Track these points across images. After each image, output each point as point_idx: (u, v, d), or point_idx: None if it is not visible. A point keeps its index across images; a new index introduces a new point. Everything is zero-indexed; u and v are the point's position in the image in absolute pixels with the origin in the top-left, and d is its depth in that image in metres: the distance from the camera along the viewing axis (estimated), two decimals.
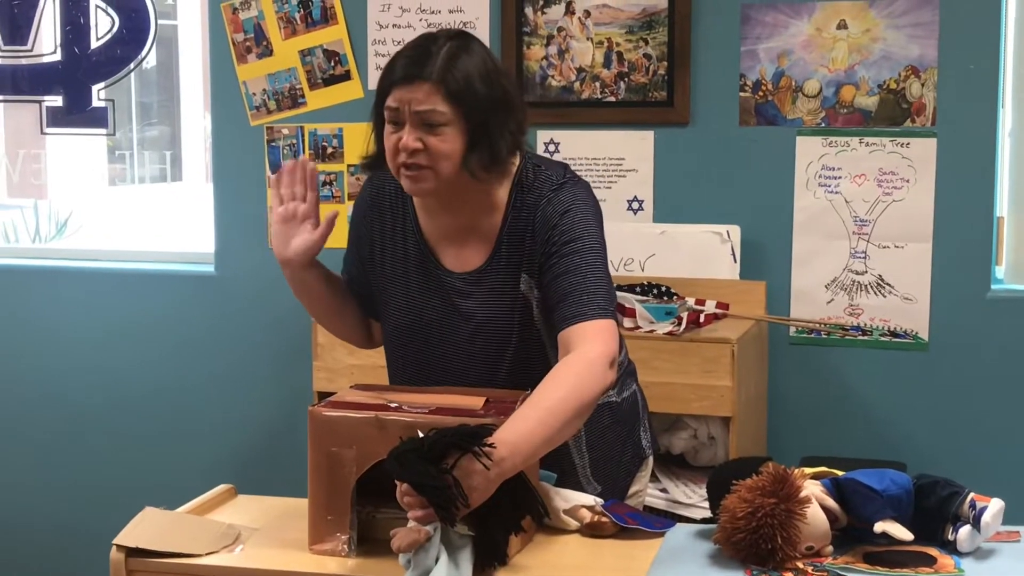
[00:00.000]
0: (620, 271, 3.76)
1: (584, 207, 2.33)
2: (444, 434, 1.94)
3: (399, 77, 2.23)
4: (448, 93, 2.21)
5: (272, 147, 4.12)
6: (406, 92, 2.22)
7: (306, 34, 4.07)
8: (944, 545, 2.10)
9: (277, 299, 4.16)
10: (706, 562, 2.08)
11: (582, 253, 2.28)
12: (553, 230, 2.30)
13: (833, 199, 3.72)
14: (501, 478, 1.97)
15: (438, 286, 2.39)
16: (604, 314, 2.24)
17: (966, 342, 3.68)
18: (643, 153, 3.85)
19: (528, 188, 2.34)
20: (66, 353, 4.40)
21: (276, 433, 4.22)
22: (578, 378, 2.13)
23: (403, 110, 2.23)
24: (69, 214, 9.79)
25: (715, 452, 3.43)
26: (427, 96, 2.21)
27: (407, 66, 2.23)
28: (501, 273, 2.35)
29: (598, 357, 2.17)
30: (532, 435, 2.02)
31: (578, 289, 2.24)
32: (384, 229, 2.45)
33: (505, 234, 2.34)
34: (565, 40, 3.86)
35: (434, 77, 2.21)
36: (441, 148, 2.23)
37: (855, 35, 3.66)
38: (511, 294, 2.35)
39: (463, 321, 2.38)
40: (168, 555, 2.14)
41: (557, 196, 2.32)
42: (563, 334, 2.23)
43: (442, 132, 2.23)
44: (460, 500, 1.90)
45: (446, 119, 2.22)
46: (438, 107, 2.21)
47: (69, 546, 4.42)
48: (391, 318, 2.47)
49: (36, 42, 4.35)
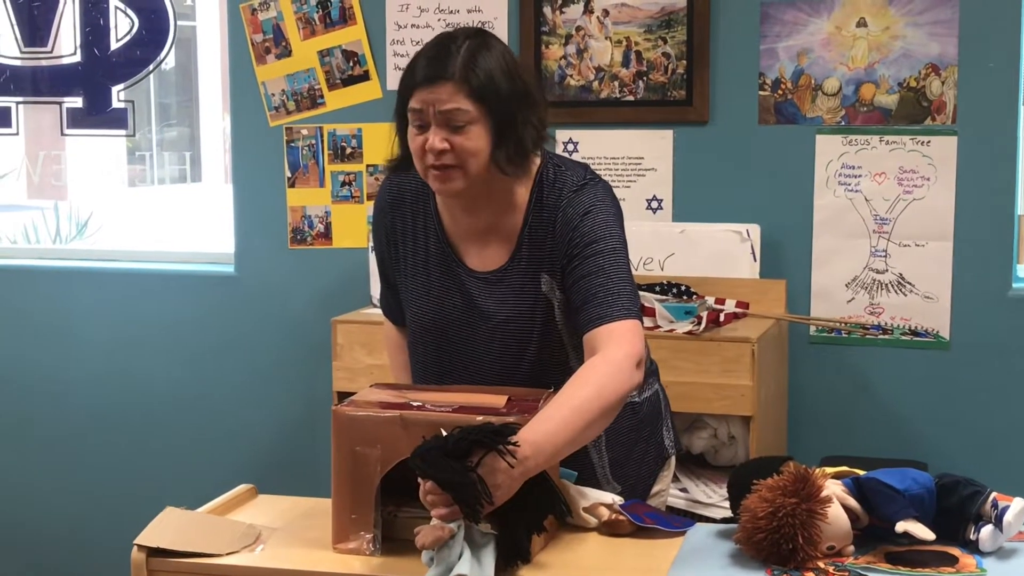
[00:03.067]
0: (640, 270, 3.75)
1: (605, 208, 2.33)
2: (468, 432, 1.94)
3: (421, 78, 2.23)
4: (471, 91, 2.21)
5: (291, 147, 4.13)
6: (429, 93, 2.22)
7: (325, 34, 4.07)
8: (966, 545, 2.09)
9: (296, 299, 4.18)
10: (727, 562, 2.08)
11: (605, 254, 2.28)
12: (575, 231, 2.30)
13: (853, 198, 3.71)
14: (524, 477, 1.97)
15: (459, 285, 2.39)
16: (629, 315, 2.23)
17: (987, 341, 3.67)
18: (662, 152, 3.84)
19: (549, 188, 2.34)
20: (86, 353, 4.41)
21: (296, 433, 4.23)
22: (604, 378, 2.12)
23: (427, 111, 2.23)
24: (89, 215, 9.84)
25: (735, 452, 3.43)
26: (450, 95, 2.21)
27: (428, 67, 2.23)
28: (522, 273, 2.35)
29: (625, 358, 2.17)
30: (556, 435, 2.02)
31: (602, 290, 2.24)
32: (406, 229, 2.46)
33: (526, 234, 2.34)
34: (584, 39, 3.86)
35: (456, 76, 2.21)
36: (468, 146, 2.23)
37: (875, 33, 3.65)
38: (532, 294, 2.35)
39: (483, 320, 2.38)
40: (189, 555, 2.14)
41: (578, 197, 2.32)
42: (588, 336, 2.22)
43: (468, 130, 2.23)
44: (484, 498, 1.90)
45: (471, 117, 2.22)
46: (462, 105, 2.21)
47: (90, 547, 4.44)
48: (414, 316, 2.47)
49: (56, 44, 4.36)
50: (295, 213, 4.15)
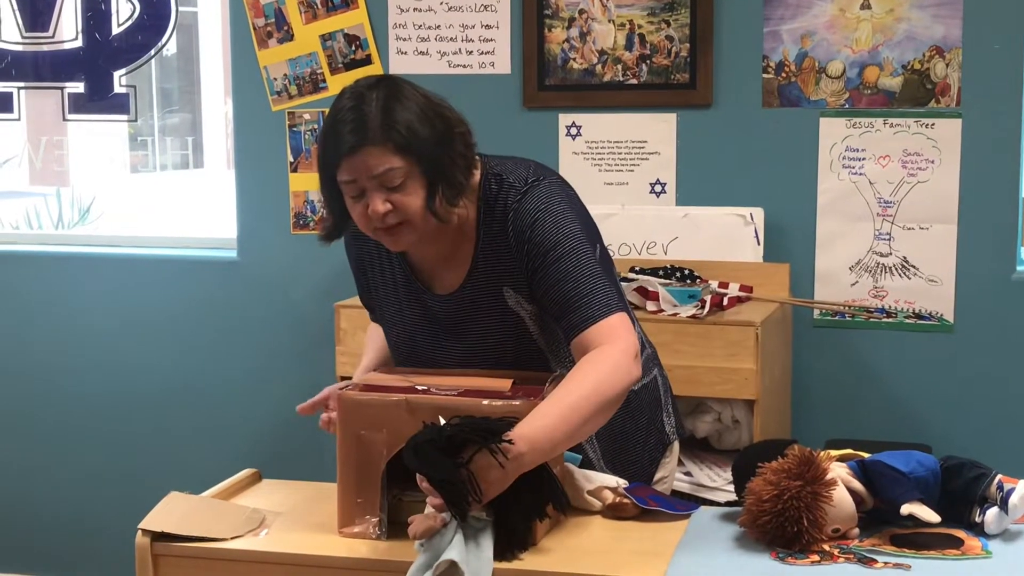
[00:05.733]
0: (643, 254, 3.75)
1: (553, 207, 2.27)
2: (461, 427, 1.94)
3: (346, 149, 2.18)
4: (396, 148, 2.17)
5: (294, 132, 4.12)
6: (357, 161, 2.18)
7: (327, 18, 4.06)
8: (971, 527, 2.09)
9: (299, 284, 4.18)
10: (732, 545, 2.08)
11: (565, 257, 2.23)
12: (528, 242, 2.26)
13: (857, 181, 3.71)
14: (518, 472, 1.98)
15: (427, 310, 2.38)
16: (609, 310, 2.20)
17: (991, 324, 3.66)
18: (666, 136, 3.84)
19: (493, 201, 2.30)
20: (89, 338, 4.41)
21: (299, 418, 4.21)
22: (601, 374, 2.12)
23: (359, 179, 2.19)
24: (92, 201, 9.83)
25: (739, 435, 3.42)
26: (379, 158, 2.17)
27: (349, 135, 2.18)
28: (481, 290, 2.33)
29: (620, 353, 2.15)
30: (552, 431, 2.02)
31: (575, 295, 2.21)
32: (372, 258, 2.46)
33: (480, 251, 2.32)
34: (587, 22, 3.84)
35: (379, 138, 2.16)
36: (408, 202, 2.20)
37: (879, 15, 3.64)
38: (498, 310, 2.32)
39: (457, 341, 2.37)
40: (193, 539, 2.15)
41: (523, 205, 2.27)
42: (575, 343, 2.20)
43: (405, 186, 2.19)
44: (472, 495, 1.92)
45: (404, 173, 2.18)
46: (393, 164, 2.17)
47: (94, 533, 4.44)
48: (393, 343, 2.48)
49: (58, 29, 4.36)
50: (297, 198, 4.15)
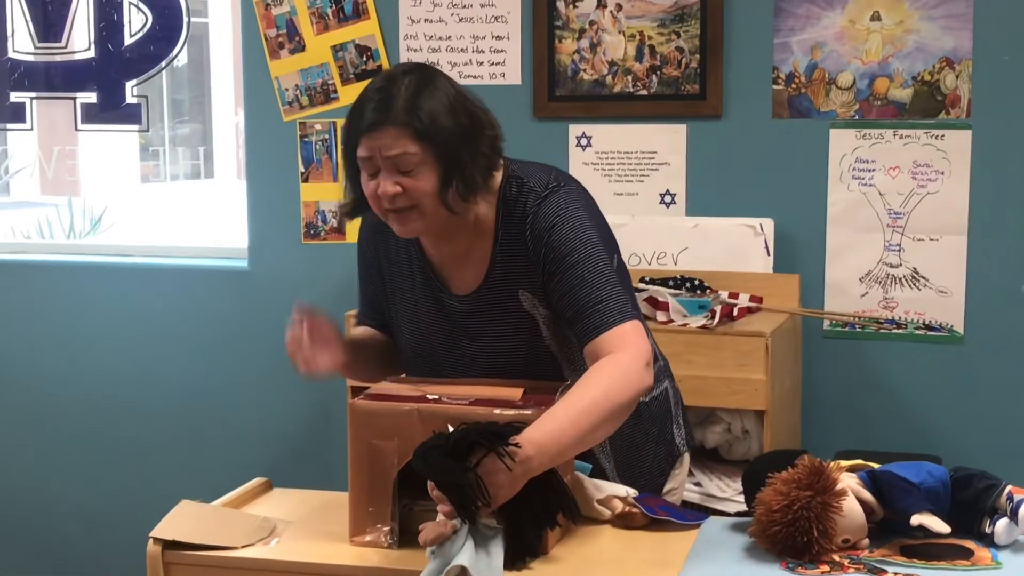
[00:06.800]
0: (653, 264, 3.75)
1: (572, 213, 2.28)
2: (468, 432, 1.95)
3: (365, 125, 2.20)
4: (415, 133, 2.18)
5: (305, 143, 4.13)
6: (374, 139, 2.19)
7: (338, 29, 4.08)
8: (981, 538, 2.09)
9: (310, 293, 4.17)
10: (742, 555, 2.08)
11: (582, 263, 2.24)
12: (546, 247, 2.26)
13: (867, 192, 3.71)
14: (527, 476, 1.97)
15: (444, 309, 2.38)
16: (623, 317, 2.21)
17: (1002, 335, 3.66)
18: (676, 146, 3.84)
19: (513, 204, 2.31)
20: (100, 347, 4.42)
21: (310, 427, 4.24)
22: (611, 380, 2.12)
23: (375, 157, 2.21)
24: (103, 211, 9.87)
25: (749, 446, 3.42)
26: (395, 140, 2.18)
27: (371, 113, 2.20)
28: (498, 292, 2.33)
29: (632, 360, 2.15)
30: (561, 435, 2.02)
31: (589, 301, 2.21)
32: (390, 257, 2.45)
33: (498, 253, 2.32)
34: (597, 34, 3.86)
35: (399, 120, 2.18)
36: (419, 188, 2.21)
37: (888, 27, 3.65)
38: (514, 313, 2.33)
39: (471, 342, 2.37)
40: (204, 548, 2.15)
41: (542, 209, 2.28)
42: (588, 348, 2.21)
43: (417, 172, 2.20)
44: (481, 499, 1.91)
45: (418, 159, 2.19)
46: (408, 149, 2.18)
47: (106, 541, 4.45)
48: (405, 342, 2.47)
49: (70, 39, 4.38)
50: (308, 208, 4.16)
